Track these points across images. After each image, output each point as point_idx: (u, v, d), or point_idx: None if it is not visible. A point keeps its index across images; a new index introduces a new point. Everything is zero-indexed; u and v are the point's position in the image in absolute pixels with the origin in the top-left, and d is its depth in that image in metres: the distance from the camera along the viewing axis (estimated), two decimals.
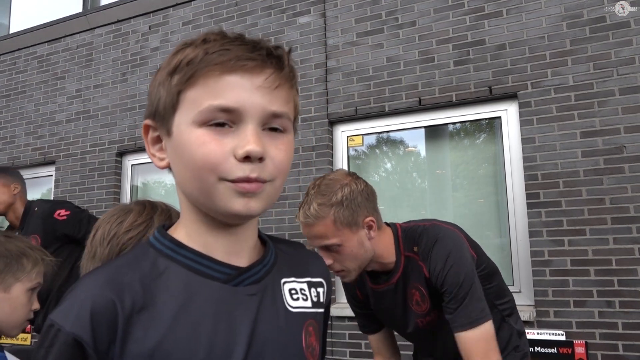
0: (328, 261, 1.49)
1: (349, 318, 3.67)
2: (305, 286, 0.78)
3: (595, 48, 3.34)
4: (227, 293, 0.68)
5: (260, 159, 0.64)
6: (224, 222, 0.69)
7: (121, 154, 4.99)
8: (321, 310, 0.80)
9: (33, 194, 5.44)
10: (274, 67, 0.66)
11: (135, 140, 4.85)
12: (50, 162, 5.27)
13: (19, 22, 6.01)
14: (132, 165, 5.00)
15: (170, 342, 0.62)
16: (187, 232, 0.71)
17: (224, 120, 0.64)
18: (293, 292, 0.75)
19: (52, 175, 5.27)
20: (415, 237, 1.58)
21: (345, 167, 4.07)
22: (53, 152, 5.24)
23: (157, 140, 0.72)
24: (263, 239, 0.78)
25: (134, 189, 5.02)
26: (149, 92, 0.73)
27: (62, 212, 2.91)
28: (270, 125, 0.67)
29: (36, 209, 2.99)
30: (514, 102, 3.60)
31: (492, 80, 3.60)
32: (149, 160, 4.89)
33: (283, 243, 0.82)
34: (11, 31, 6.02)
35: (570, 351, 3.07)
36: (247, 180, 0.64)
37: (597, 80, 3.30)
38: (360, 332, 1.93)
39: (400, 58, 3.91)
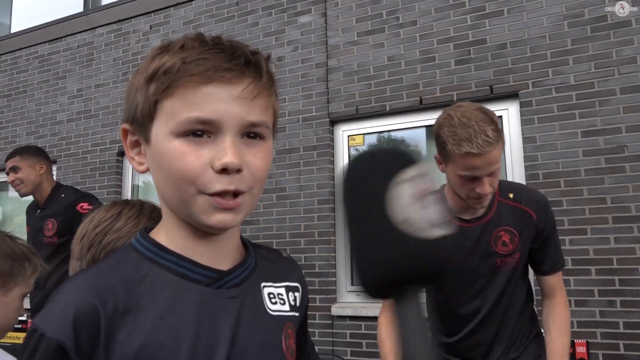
0: (488, 188, 1.58)
1: (350, 317, 3.67)
2: (282, 290, 0.79)
3: (596, 47, 3.34)
4: (209, 296, 0.68)
5: (238, 171, 0.65)
6: (204, 230, 0.69)
7: (122, 153, 4.99)
8: (297, 314, 0.81)
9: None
10: (252, 76, 0.66)
11: None
12: (52, 162, 5.28)
13: (20, 21, 6.02)
14: None
15: (153, 344, 0.63)
16: (167, 236, 0.71)
17: (202, 130, 0.64)
18: (271, 296, 0.76)
19: (53, 175, 5.27)
20: (513, 188, 1.77)
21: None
22: (54, 152, 5.24)
23: (136, 144, 0.72)
24: (244, 242, 0.79)
25: (135, 188, 5.02)
26: (127, 95, 0.72)
27: (85, 205, 2.92)
28: (249, 133, 0.67)
29: (63, 195, 3.01)
30: (515, 102, 3.59)
31: (493, 79, 3.60)
32: None
33: (262, 248, 0.83)
34: (12, 31, 6.03)
35: (571, 350, 3.07)
36: (225, 192, 0.64)
37: (599, 79, 3.30)
38: (360, 331, 1.94)
39: (401, 57, 3.91)
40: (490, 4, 3.69)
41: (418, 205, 0.38)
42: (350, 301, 3.82)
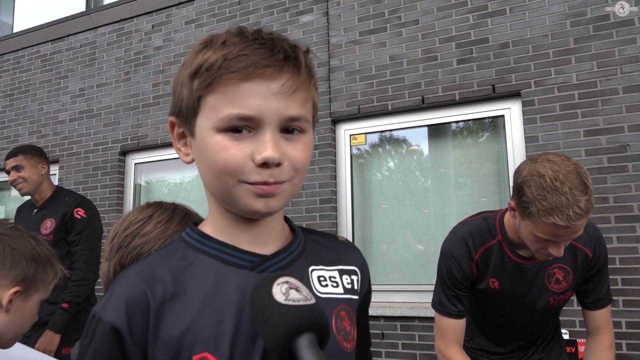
0: (562, 251, 1.49)
1: None
2: (336, 274, 0.80)
3: (599, 46, 3.33)
4: (253, 280, 0.69)
5: (278, 165, 0.67)
6: (246, 217, 0.72)
7: (124, 152, 5.00)
8: (356, 297, 0.81)
9: None
10: (291, 72, 0.67)
11: (139, 139, 4.86)
12: (54, 161, 5.28)
13: (22, 21, 6.03)
14: (135, 164, 5.01)
15: (198, 326, 0.67)
16: (213, 226, 0.75)
17: (242, 126, 0.67)
18: (322, 279, 0.78)
19: (55, 174, 5.28)
20: None
21: (348, 166, 4.08)
22: (57, 151, 5.25)
23: (183, 135, 0.75)
24: (293, 228, 0.81)
25: (137, 187, 5.03)
26: (173, 87, 0.75)
27: (81, 211, 2.96)
28: (288, 127, 0.69)
29: (66, 198, 3.02)
30: (517, 101, 3.59)
31: (495, 78, 3.60)
32: (152, 159, 4.90)
33: (315, 234, 0.84)
34: (15, 30, 6.04)
35: (573, 350, 3.06)
36: (266, 183, 0.67)
37: (601, 78, 3.29)
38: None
39: (403, 56, 3.91)
40: (493, 3, 3.68)
41: (294, 290, 0.62)
42: None
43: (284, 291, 0.62)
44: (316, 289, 0.76)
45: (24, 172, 2.97)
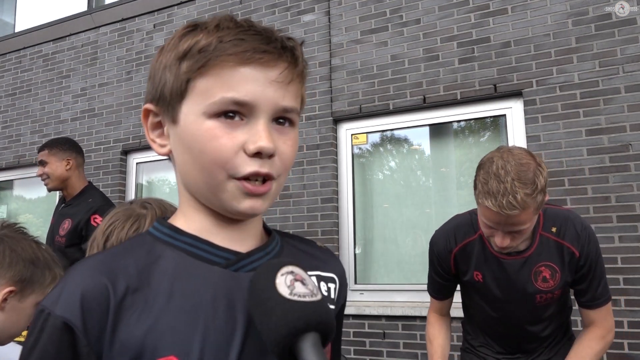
0: (505, 242, 1.52)
1: (353, 316, 3.67)
2: (314, 280, 0.75)
3: (600, 45, 3.33)
4: (227, 278, 0.66)
5: (270, 156, 0.64)
6: (227, 216, 0.68)
7: (126, 152, 5.01)
8: (332, 306, 0.78)
9: (38, 192, 5.47)
10: (289, 62, 0.65)
11: (140, 139, 4.86)
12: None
13: (24, 20, 6.03)
14: (137, 163, 5.02)
15: (163, 326, 0.61)
16: (186, 220, 0.70)
17: (235, 111, 0.63)
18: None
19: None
20: (557, 220, 1.67)
21: (350, 166, 4.07)
22: None
23: (158, 125, 0.70)
24: (268, 230, 0.77)
25: (138, 187, 5.03)
26: (151, 74, 0.70)
27: (98, 219, 2.79)
28: (279, 118, 0.66)
29: (90, 199, 2.89)
30: (519, 100, 3.58)
31: (497, 78, 3.59)
32: (153, 158, 4.90)
33: (293, 238, 0.81)
34: (17, 30, 6.04)
35: None
36: (257, 174, 0.63)
37: (603, 77, 3.29)
38: (364, 330, 1.96)
39: (404, 56, 3.91)
40: (494, 2, 3.68)
41: (299, 283, 0.57)
42: (353, 300, 3.82)
43: (288, 283, 0.57)
44: None
45: (48, 167, 2.86)
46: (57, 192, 3.09)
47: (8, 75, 5.83)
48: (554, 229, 1.67)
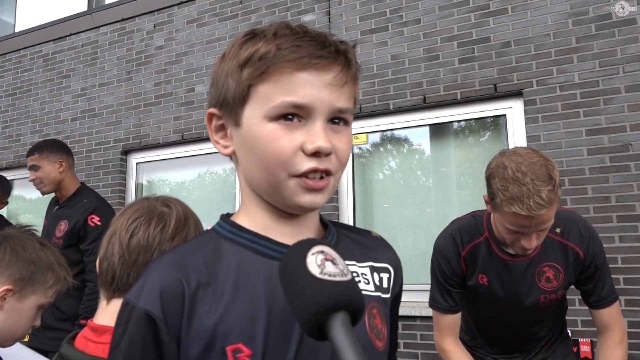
0: (534, 243, 1.51)
1: None
2: (367, 270, 0.79)
3: (601, 45, 3.33)
4: None
5: (327, 155, 0.68)
6: (287, 211, 0.72)
7: (126, 152, 5.01)
8: (386, 295, 0.80)
9: (38, 192, 5.46)
10: (342, 65, 0.69)
11: (140, 139, 4.86)
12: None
13: (24, 20, 6.03)
14: (137, 163, 5.02)
15: (231, 316, 0.66)
16: (248, 217, 0.75)
17: (293, 114, 0.67)
18: (354, 274, 0.75)
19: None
20: (562, 220, 1.65)
21: (350, 166, 4.08)
22: None
23: (221, 128, 0.75)
24: (325, 222, 0.81)
25: (139, 187, 5.03)
26: (214, 79, 0.74)
27: (96, 218, 2.76)
28: (334, 118, 0.70)
29: (85, 200, 2.85)
30: (519, 100, 3.58)
31: (497, 77, 3.59)
32: (153, 158, 4.91)
33: (347, 229, 0.84)
34: (17, 30, 6.04)
35: (575, 349, 3.06)
36: (315, 170, 0.67)
37: (603, 77, 3.29)
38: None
39: (404, 56, 3.91)
40: (495, 2, 3.68)
41: (330, 263, 0.58)
42: None
43: (319, 262, 0.59)
44: None
45: (40, 172, 2.81)
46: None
47: (8, 75, 5.83)
48: (558, 230, 1.67)
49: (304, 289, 0.56)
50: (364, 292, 0.74)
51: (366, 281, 0.78)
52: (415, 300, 3.66)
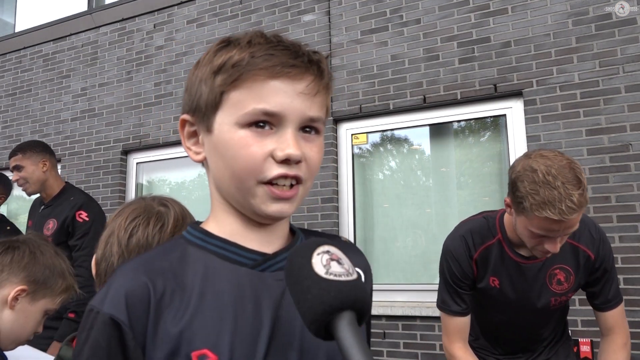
0: (558, 246, 1.48)
1: None
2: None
3: (601, 45, 3.33)
4: (254, 278, 0.70)
5: (297, 162, 0.69)
6: (256, 220, 0.73)
7: (126, 152, 5.01)
8: None
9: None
10: (315, 74, 0.70)
11: (140, 139, 4.86)
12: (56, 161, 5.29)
13: (24, 20, 6.03)
14: (137, 163, 5.02)
15: (197, 322, 0.66)
16: (217, 224, 0.75)
17: (265, 121, 0.68)
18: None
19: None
20: None
21: (350, 166, 4.08)
22: (58, 150, 5.25)
23: (193, 134, 0.76)
24: (293, 229, 0.81)
25: (139, 187, 5.03)
26: (188, 86, 0.75)
27: (83, 214, 2.79)
28: (306, 127, 0.71)
29: (71, 197, 2.87)
30: (519, 100, 3.58)
31: (497, 77, 3.59)
32: (153, 158, 4.91)
33: (316, 235, 0.84)
34: (17, 30, 6.04)
35: (575, 349, 3.06)
36: (285, 176, 0.68)
37: (603, 77, 3.29)
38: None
39: (404, 56, 3.91)
40: (495, 2, 3.68)
41: (335, 263, 0.58)
42: None
43: (324, 262, 0.59)
44: None
45: (24, 171, 2.82)
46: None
47: (8, 75, 5.83)
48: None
49: (310, 288, 0.57)
50: None
51: None
52: (415, 300, 3.66)
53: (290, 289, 0.60)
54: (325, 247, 0.61)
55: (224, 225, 0.74)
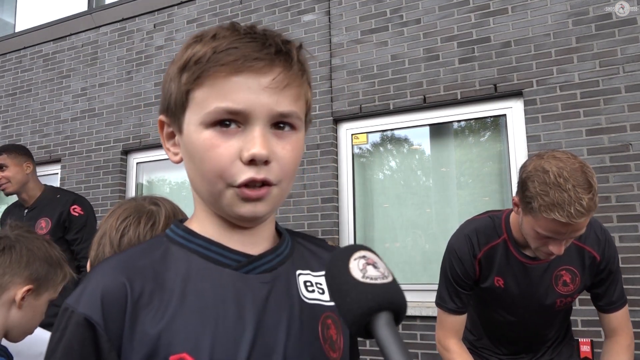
0: (563, 248, 1.48)
1: None
2: (322, 280, 0.76)
3: (601, 45, 3.33)
4: (238, 280, 0.68)
5: (266, 162, 0.65)
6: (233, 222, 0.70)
7: (126, 152, 5.01)
8: None
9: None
10: (282, 66, 0.65)
11: (140, 139, 4.86)
12: (56, 160, 5.30)
13: (24, 20, 6.03)
14: (137, 163, 5.02)
15: (176, 325, 0.63)
16: (200, 223, 0.72)
17: (230, 120, 0.65)
18: (308, 284, 0.75)
19: (57, 174, 5.29)
20: None
21: (350, 166, 4.08)
22: (59, 150, 5.26)
23: (172, 135, 0.73)
24: (280, 231, 0.78)
25: (139, 186, 5.03)
26: (162, 85, 0.73)
27: (78, 208, 2.90)
28: (278, 123, 0.67)
29: (58, 196, 2.97)
30: (519, 100, 3.58)
31: (497, 77, 3.59)
32: (153, 158, 4.91)
33: (303, 237, 0.82)
34: (17, 30, 6.04)
35: (575, 349, 3.06)
36: (253, 180, 0.64)
37: (603, 77, 3.29)
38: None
39: (405, 56, 3.91)
40: (495, 2, 3.68)
41: (371, 267, 0.61)
42: None
43: (361, 267, 0.61)
44: (303, 294, 0.73)
45: (7, 171, 2.89)
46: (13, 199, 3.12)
47: (8, 75, 5.83)
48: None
49: (348, 292, 0.59)
50: (318, 302, 0.74)
51: (321, 291, 0.75)
52: (415, 300, 3.66)
53: (331, 294, 0.61)
54: (362, 252, 0.62)
55: (205, 225, 0.71)
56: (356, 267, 0.60)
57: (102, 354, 0.62)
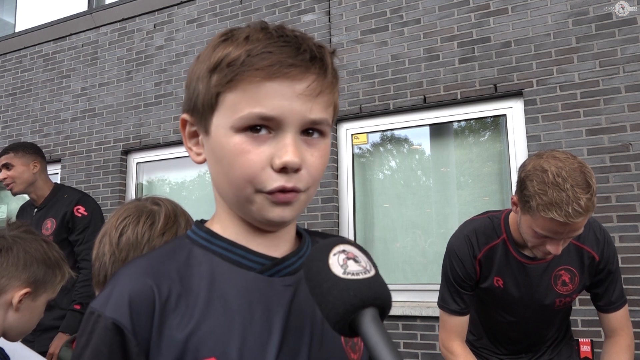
0: (560, 248, 1.48)
1: None
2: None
3: (601, 45, 3.33)
4: (263, 283, 0.67)
5: (297, 170, 0.64)
6: (258, 226, 0.70)
7: (126, 152, 5.01)
8: None
9: None
10: (317, 73, 0.64)
11: (141, 139, 4.86)
12: (56, 160, 5.30)
13: (24, 20, 6.03)
14: (137, 163, 5.02)
15: (204, 330, 0.63)
16: (222, 225, 0.71)
17: (262, 125, 0.63)
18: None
19: (57, 174, 5.29)
20: None
21: (350, 166, 4.08)
22: (59, 150, 5.26)
23: (194, 134, 0.71)
24: (299, 231, 0.77)
25: (139, 186, 5.03)
26: (187, 83, 0.70)
27: (82, 209, 2.85)
28: (309, 130, 0.66)
29: (65, 195, 2.91)
30: (519, 100, 3.58)
31: (497, 77, 3.59)
32: (154, 158, 4.91)
33: (321, 237, 0.81)
34: (17, 30, 6.04)
35: (575, 349, 3.06)
36: (283, 189, 0.64)
37: (603, 77, 3.29)
38: None
39: (405, 56, 3.91)
40: (495, 2, 3.68)
41: (352, 261, 0.59)
42: None
43: (341, 262, 0.58)
44: None
45: (13, 170, 2.84)
46: (24, 197, 3.07)
47: (8, 75, 5.83)
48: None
49: (330, 290, 0.57)
50: None
51: None
52: (416, 300, 3.67)
53: (311, 292, 0.59)
54: (341, 247, 0.60)
55: (228, 227, 0.70)
56: (336, 262, 0.58)
57: (131, 358, 0.61)
